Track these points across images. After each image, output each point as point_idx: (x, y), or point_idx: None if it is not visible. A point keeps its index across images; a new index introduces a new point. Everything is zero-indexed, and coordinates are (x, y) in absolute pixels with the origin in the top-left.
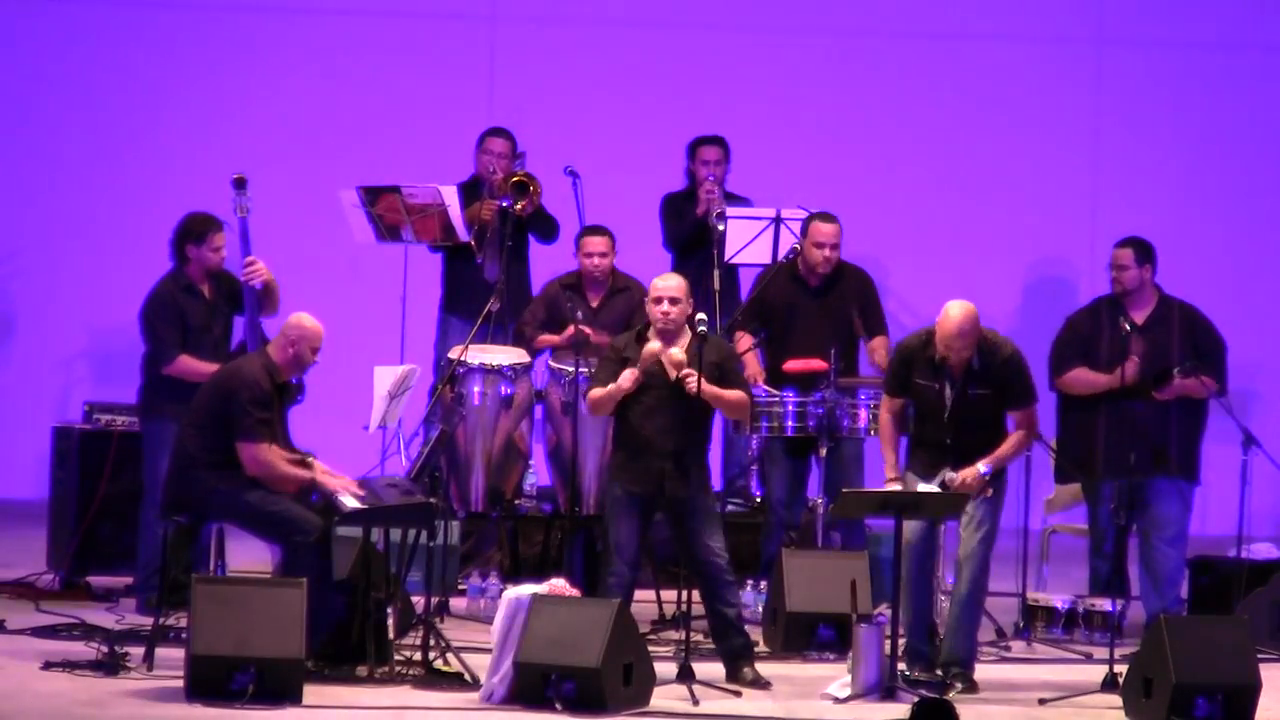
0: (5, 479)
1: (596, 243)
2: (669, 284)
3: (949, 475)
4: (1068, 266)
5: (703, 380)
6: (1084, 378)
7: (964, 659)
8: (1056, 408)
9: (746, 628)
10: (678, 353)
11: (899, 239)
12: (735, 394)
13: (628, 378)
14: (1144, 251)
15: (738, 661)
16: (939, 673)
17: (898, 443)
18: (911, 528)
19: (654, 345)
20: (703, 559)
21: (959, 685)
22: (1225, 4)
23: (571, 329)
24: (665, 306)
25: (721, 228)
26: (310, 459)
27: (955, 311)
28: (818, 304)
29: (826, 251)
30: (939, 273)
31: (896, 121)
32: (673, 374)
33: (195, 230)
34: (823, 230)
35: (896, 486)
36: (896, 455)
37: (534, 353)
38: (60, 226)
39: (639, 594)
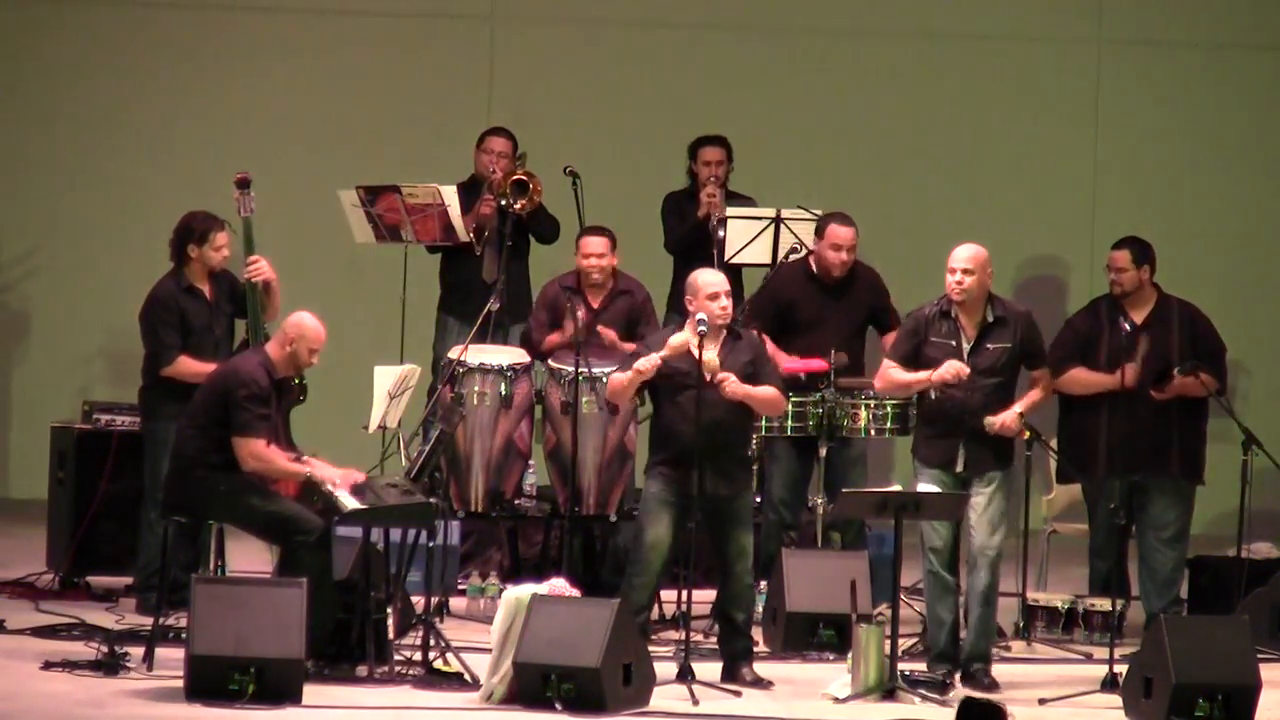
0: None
1: (595, 243)
2: (719, 279)
3: (989, 420)
4: (1068, 266)
5: (736, 381)
6: (1082, 378)
7: (988, 654)
8: (1057, 408)
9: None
10: (712, 356)
11: (899, 238)
12: (767, 392)
13: (647, 363)
14: (1141, 252)
15: (737, 663)
16: (941, 672)
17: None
18: (939, 532)
19: (681, 337)
20: (732, 561)
21: (986, 681)
22: (1225, 4)
23: (571, 327)
24: (723, 301)
25: (722, 234)
26: (310, 459)
27: (961, 244)
28: (834, 304)
29: (844, 255)
30: (938, 272)
31: (896, 121)
32: (708, 377)
33: (197, 230)
34: (840, 234)
35: (948, 367)
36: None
37: (542, 356)
38: (70, 227)
39: None
